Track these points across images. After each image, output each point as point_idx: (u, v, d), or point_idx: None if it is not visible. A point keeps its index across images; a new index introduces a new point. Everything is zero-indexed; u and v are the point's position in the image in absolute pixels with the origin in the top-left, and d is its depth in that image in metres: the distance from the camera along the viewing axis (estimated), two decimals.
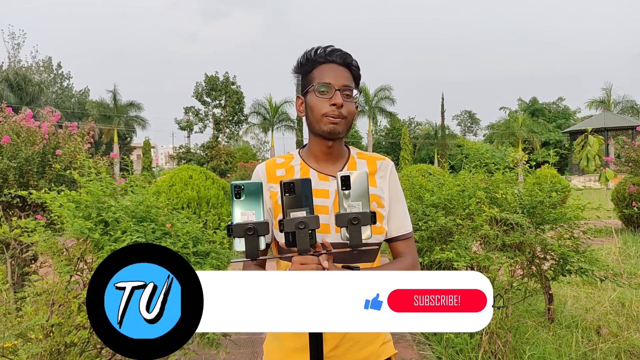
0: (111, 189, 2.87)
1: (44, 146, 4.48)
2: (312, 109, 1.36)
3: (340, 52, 1.38)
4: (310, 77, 1.38)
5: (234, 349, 3.89)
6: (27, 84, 34.49)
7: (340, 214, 1.09)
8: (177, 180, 6.54)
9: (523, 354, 3.38)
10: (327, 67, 1.37)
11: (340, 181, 1.11)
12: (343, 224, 1.08)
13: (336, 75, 1.35)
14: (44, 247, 2.74)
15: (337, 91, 1.33)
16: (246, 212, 1.07)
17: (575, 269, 3.69)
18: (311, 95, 1.36)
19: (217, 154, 37.92)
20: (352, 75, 1.39)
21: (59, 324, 2.62)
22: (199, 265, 2.91)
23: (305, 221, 1.05)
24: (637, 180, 9.05)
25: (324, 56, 1.37)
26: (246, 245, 1.05)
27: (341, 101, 1.32)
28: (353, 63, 1.39)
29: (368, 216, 1.08)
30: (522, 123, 42.49)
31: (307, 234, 1.07)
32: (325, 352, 1.29)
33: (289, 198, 1.08)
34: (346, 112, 1.34)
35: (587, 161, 5.97)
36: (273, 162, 1.45)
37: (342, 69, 1.37)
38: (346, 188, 1.10)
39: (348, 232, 1.08)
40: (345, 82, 1.35)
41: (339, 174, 1.12)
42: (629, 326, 4.01)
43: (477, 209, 3.54)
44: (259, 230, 1.05)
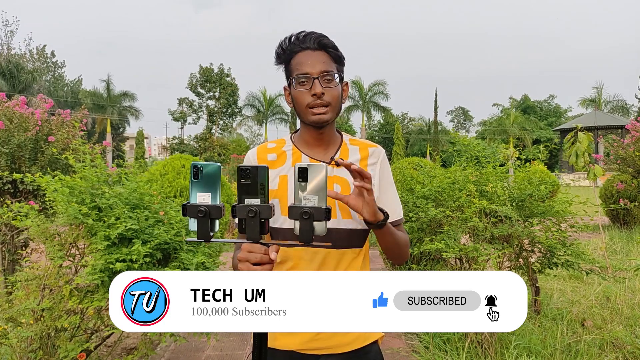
0: (105, 176, 2.88)
1: (37, 133, 4.47)
2: (296, 101, 1.34)
3: (314, 36, 1.34)
4: (290, 68, 1.35)
5: (224, 336, 3.93)
6: (19, 72, 34.13)
7: (294, 206, 1.05)
8: (169, 169, 6.54)
9: (509, 344, 3.44)
10: (303, 55, 1.33)
11: (297, 172, 1.06)
12: (295, 216, 1.05)
13: (312, 63, 1.31)
14: (36, 232, 2.75)
15: (315, 80, 1.30)
16: (202, 193, 1.05)
17: (562, 262, 3.76)
18: (293, 87, 1.34)
19: (211, 146, 37.76)
20: (330, 57, 1.35)
21: (50, 309, 2.63)
22: (191, 253, 2.94)
23: (256, 210, 1.03)
24: (625, 177, 9.18)
25: (298, 44, 1.34)
26: (198, 226, 1.04)
27: (320, 90, 1.29)
28: (329, 44, 1.35)
29: (322, 212, 1.04)
30: (514, 120, 42.76)
31: (258, 223, 1.05)
32: (313, 336, 1.32)
33: (244, 184, 1.06)
34: (329, 98, 1.32)
35: (576, 157, 6.04)
36: (264, 147, 1.45)
37: (317, 54, 1.33)
38: (303, 180, 1.06)
39: (299, 226, 1.05)
40: (323, 68, 1.31)
41: (296, 165, 1.07)
42: (612, 319, 4.09)
43: (467, 201, 3.59)
44: (211, 213, 1.04)
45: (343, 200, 1.19)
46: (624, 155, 8.70)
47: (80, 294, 2.65)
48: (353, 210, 1.25)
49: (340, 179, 1.37)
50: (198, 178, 1.05)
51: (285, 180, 1.35)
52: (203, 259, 2.84)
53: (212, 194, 1.05)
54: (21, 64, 35.75)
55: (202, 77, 40.53)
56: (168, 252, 2.82)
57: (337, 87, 1.34)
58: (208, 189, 1.05)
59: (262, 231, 1.07)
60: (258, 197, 1.05)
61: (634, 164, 8.55)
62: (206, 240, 1.05)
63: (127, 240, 2.64)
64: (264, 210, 1.04)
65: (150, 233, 2.69)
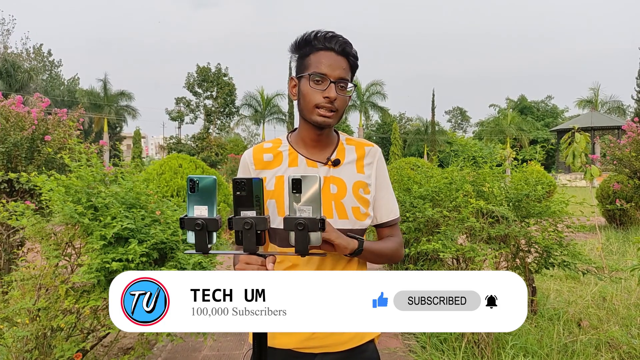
0: (101, 175, 2.86)
1: (33, 132, 4.45)
2: (304, 97, 1.33)
3: (341, 40, 1.33)
4: (307, 63, 1.34)
5: (221, 336, 3.93)
6: (16, 71, 34.01)
7: (289, 217, 1.06)
8: (166, 168, 6.53)
9: (505, 344, 3.45)
10: (325, 54, 1.32)
11: (290, 184, 1.07)
12: (290, 227, 1.05)
13: (333, 66, 1.30)
14: (32, 232, 2.74)
15: (332, 83, 1.29)
16: (199, 207, 1.07)
17: (558, 262, 3.77)
18: (305, 82, 1.32)
19: (208, 145, 37.78)
20: (349, 65, 1.35)
21: (46, 308, 2.62)
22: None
23: (252, 222, 1.05)
24: (622, 178, 9.21)
25: (323, 42, 1.32)
26: (195, 239, 1.06)
27: (335, 95, 1.29)
28: (352, 52, 1.35)
29: (316, 222, 1.04)
30: (511, 121, 42.89)
31: (254, 234, 1.06)
32: (309, 334, 1.32)
33: (240, 197, 1.07)
34: (339, 104, 1.32)
35: (574, 158, 6.06)
36: (260, 148, 1.44)
37: (339, 59, 1.32)
38: (297, 191, 1.07)
39: (294, 237, 1.06)
40: (341, 74, 1.31)
41: (289, 176, 1.08)
42: (609, 319, 4.11)
43: (464, 202, 3.60)
44: (208, 226, 1.05)
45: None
46: (620, 155, 8.73)
47: (76, 294, 2.64)
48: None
49: (336, 179, 1.37)
50: (194, 191, 1.07)
51: (281, 180, 1.35)
52: (200, 258, 2.84)
53: (208, 207, 1.07)
54: (18, 62, 35.64)
55: (200, 76, 40.57)
56: (164, 251, 2.82)
57: (347, 97, 1.35)
58: (204, 202, 1.07)
59: (259, 242, 1.08)
60: (253, 209, 1.07)
61: (630, 164, 8.58)
62: (204, 252, 1.07)
63: (123, 239, 2.63)
64: (260, 222, 1.05)
65: (147, 232, 2.68)
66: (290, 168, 1.38)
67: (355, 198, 1.36)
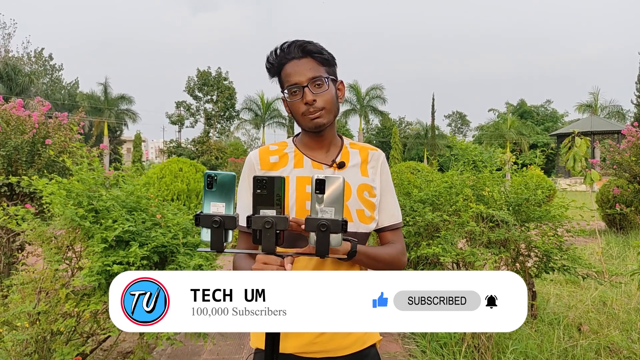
0: (102, 179, 2.87)
1: (34, 135, 4.45)
2: (292, 111, 1.38)
3: (297, 44, 1.35)
4: (281, 81, 1.38)
5: (221, 339, 3.92)
6: (17, 75, 34.10)
7: (311, 218, 1.04)
8: (167, 172, 6.54)
9: (506, 348, 3.44)
10: (290, 65, 1.35)
11: (314, 184, 1.05)
12: (312, 228, 1.03)
13: (299, 72, 1.33)
14: (33, 235, 2.75)
15: (305, 88, 1.32)
16: (216, 203, 1.04)
17: (558, 267, 3.77)
18: (287, 98, 1.37)
19: (208, 149, 37.80)
20: (317, 61, 1.35)
21: (46, 312, 2.62)
22: (188, 256, 2.93)
23: (273, 221, 1.02)
24: (621, 182, 9.22)
25: (284, 55, 1.35)
26: (212, 237, 1.03)
27: (312, 97, 1.31)
28: (312, 49, 1.36)
29: (339, 224, 1.02)
30: (511, 125, 42.95)
31: (274, 234, 1.03)
32: (312, 339, 1.32)
33: (260, 195, 1.05)
34: (322, 102, 1.33)
35: (574, 162, 6.06)
36: (266, 150, 1.46)
37: (303, 61, 1.34)
38: (320, 192, 1.05)
39: (316, 238, 1.04)
40: (311, 74, 1.33)
41: (314, 176, 1.07)
42: (609, 324, 4.10)
43: (464, 206, 3.60)
44: (225, 224, 1.02)
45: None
46: (620, 160, 8.74)
47: (76, 298, 2.64)
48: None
49: None
50: (212, 187, 1.04)
51: (286, 181, 1.36)
52: (200, 261, 2.84)
53: (226, 204, 1.04)
54: (18, 66, 35.72)
55: (200, 80, 40.68)
56: (165, 255, 2.82)
57: (329, 90, 1.36)
58: (222, 199, 1.04)
59: (278, 242, 1.05)
60: (274, 207, 1.04)
61: (630, 169, 8.59)
62: (219, 250, 1.04)
63: (124, 242, 2.64)
64: (280, 221, 1.03)
65: (148, 236, 2.69)
66: (296, 169, 1.39)
67: (360, 201, 1.37)
